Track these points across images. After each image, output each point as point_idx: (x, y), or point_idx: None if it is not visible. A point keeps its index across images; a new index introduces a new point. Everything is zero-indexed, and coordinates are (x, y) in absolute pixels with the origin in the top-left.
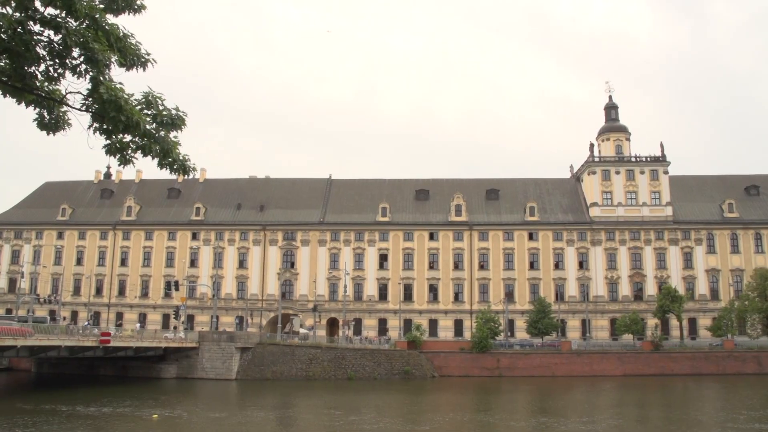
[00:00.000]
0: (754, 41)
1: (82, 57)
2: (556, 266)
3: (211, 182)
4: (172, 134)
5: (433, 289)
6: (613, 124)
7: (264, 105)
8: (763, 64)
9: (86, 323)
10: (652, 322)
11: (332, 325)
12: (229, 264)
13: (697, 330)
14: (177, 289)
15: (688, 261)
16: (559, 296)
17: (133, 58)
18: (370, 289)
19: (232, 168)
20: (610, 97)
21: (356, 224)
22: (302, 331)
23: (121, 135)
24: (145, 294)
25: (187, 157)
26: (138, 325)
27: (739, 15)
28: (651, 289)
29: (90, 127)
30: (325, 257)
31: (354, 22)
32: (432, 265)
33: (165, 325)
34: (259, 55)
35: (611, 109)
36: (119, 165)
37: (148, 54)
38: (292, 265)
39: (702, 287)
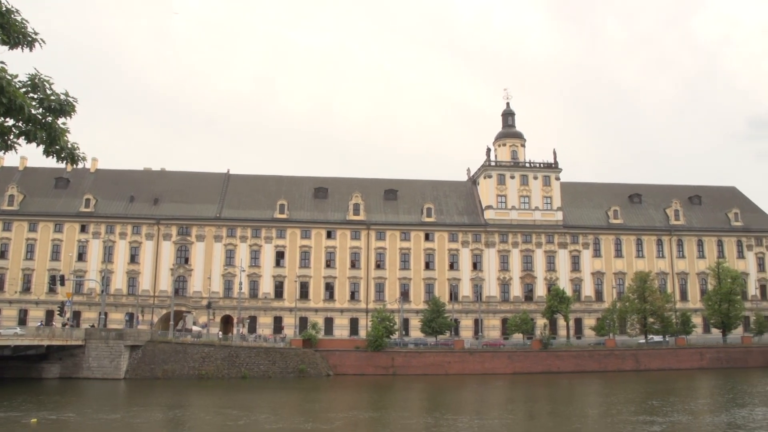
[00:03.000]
0: (639, 58)
1: None
2: (451, 267)
3: (103, 173)
4: (60, 120)
5: (329, 288)
6: (509, 130)
7: (161, 95)
8: (646, 80)
9: None
10: (541, 321)
11: (227, 322)
12: (120, 258)
13: (582, 329)
14: (63, 283)
15: (575, 264)
16: (453, 296)
17: (18, 36)
18: (266, 287)
19: (125, 159)
20: (508, 104)
21: (253, 220)
22: (195, 328)
23: (2, 119)
24: (27, 289)
25: (76, 146)
26: (40, 323)
27: (626, 33)
28: (541, 290)
29: None
30: (221, 253)
31: (256, 15)
32: (329, 264)
33: (49, 322)
34: (158, 43)
35: (508, 115)
36: (0, 151)
37: (36, 33)
38: (187, 260)
39: (588, 289)
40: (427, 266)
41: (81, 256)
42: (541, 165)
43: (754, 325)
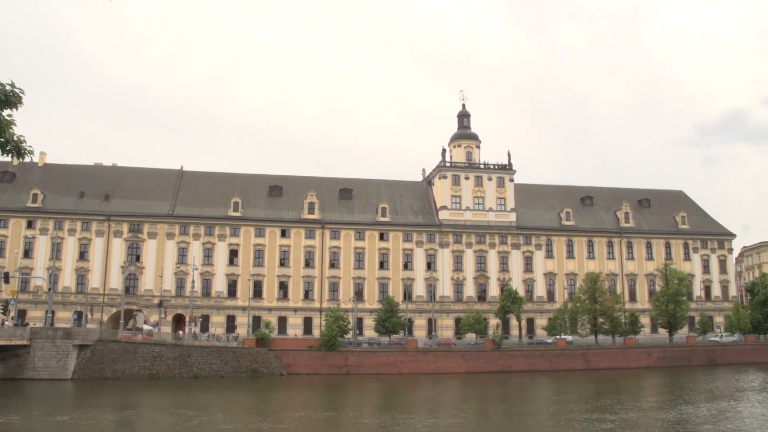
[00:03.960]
0: (592, 64)
1: None
2: (405, 266)
3: (52, 167)
4: (6, 112)
5: (283, 287)
6: (464, 132)
7: (113, 89)
8: (599, 85)
9: None
10: (494, 321)
11: (178, 321)
12: (69, 255)
13: (534, 329)
14: (7, 281)
15: (528, 264)
16: (407, 296)
17: None
18: (219, 285)
19: (75, 153)
20: (464, 105)
21: (207, 218)
22: (146, 327)
23: None
24: None
25: (22, 138)
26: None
27: (580, 39)
28: (494, 290)
29: None
30: (173, 251)
31: (212, 10)
32: (283, 263)
33: None
34: (110, 35)
35: (464, 117)
36: None
37: None
38: (138, 258)
39: (540, 289)
40: (382, 266)
41: (27, 253)
42: (496, 166)
43: (698, 325)
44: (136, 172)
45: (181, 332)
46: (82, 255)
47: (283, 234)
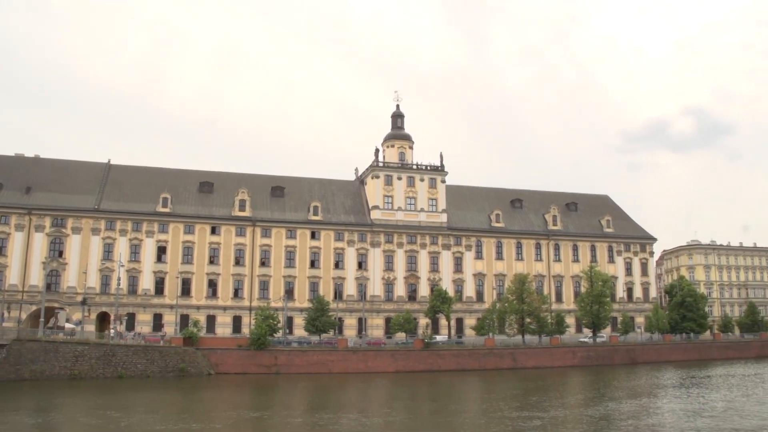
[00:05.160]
0: (524, 69)
1: None
2: (336, 265)
3: None
4: None
5: (212, 285)
6: (398, 132)
7: (37, 75)
8: (530, 90)
9: None
10: (423, 321)
11: (103, 320)
12: None
13: (463, 329)
14: None
15: (458, 265)
16: (338, 295)
17: None
18: (146, 283)
19: None
20: (398, 105)
21: (134, 213)
22: (69, 326)
23: None
24: None
25: None
26: None
27: (514, 44)
28: (424, 290)
29: None
30: (98, 247)
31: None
32: (212, 260)
33: None
34: (33, 19)
35: (398, 117)
36: None
37: None
38: (61, 254)
39: (469, 289)
40: (313, 264)
41: None
42: (428, 167)
43: (620, 325)
44: (60, 164)
45: (112, 330)
46: (0, 250)
47: (213, 231)
